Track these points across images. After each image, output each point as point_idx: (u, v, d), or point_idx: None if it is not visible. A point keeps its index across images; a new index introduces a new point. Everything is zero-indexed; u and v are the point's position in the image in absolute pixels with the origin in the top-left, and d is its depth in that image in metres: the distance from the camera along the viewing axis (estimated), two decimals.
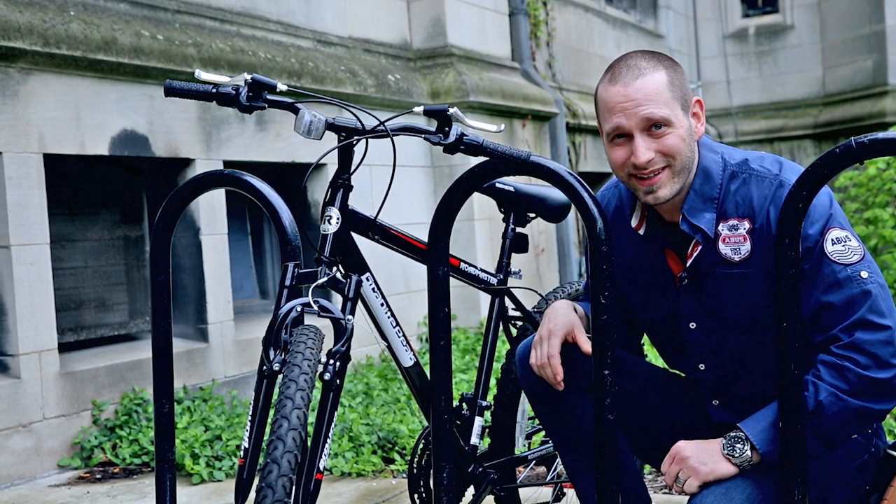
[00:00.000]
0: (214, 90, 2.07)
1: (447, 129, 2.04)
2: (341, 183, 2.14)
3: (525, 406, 2.60)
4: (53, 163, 4.09)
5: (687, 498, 1.93)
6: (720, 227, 1.97)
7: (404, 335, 2.33)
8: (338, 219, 2.10)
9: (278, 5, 5.42)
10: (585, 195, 1.84)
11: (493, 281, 2.52)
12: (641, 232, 2.07)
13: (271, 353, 1.88)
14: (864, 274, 1.85)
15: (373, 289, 2.25)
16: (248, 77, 2.06)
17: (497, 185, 2.49)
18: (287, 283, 2.01)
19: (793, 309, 1.73)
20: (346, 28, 5.95)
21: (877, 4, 10.77)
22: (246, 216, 5.38)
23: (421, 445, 2.47)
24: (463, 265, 2.45)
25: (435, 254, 2.01)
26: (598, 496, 1.83)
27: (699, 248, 1.98)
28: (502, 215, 2.60)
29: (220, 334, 4.72)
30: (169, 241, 2.15)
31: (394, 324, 2.31)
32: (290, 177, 5.35)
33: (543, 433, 2.74)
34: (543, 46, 8.19)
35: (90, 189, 4.52)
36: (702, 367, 2.09)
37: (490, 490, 2.47)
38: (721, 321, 2.02)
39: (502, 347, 4.60)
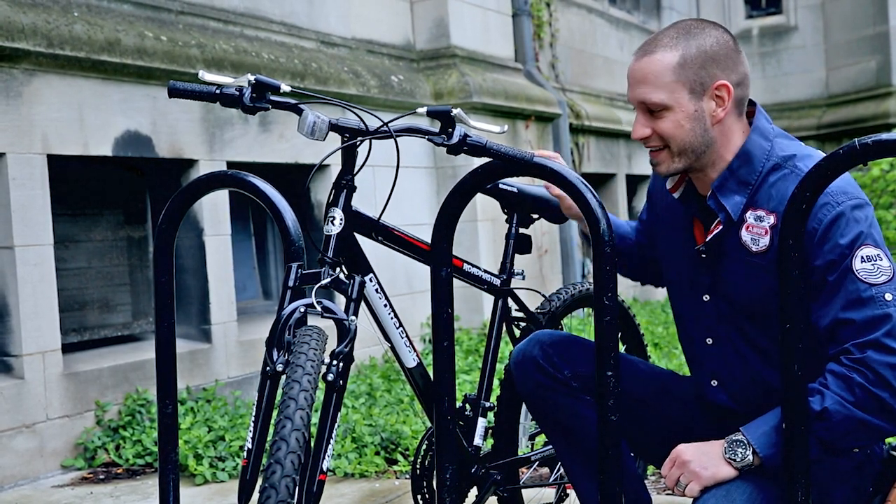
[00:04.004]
0: (218, 91, 2.07)
1: (450, 129, 2.04)
2: (345, 184, 2.14)
3: (527, 421, 2.60)
4: (57, 163, 4.09)
5: (689, 500, 1.93)
6: (747, 215, 1.97)
7: (407, 336, 2.33)
8: (341, 220, 2.10)
9: (281, 6, 5.42)
10: (589, 196, 1.84)
11: (496, 282, 2.52)
12: (677, 195, 2.09)
13: (274, 353, 1.88)
14: (888, 296, 1.82)
15: (376, 289, 2.25)
16: (252, 78, 2.06)
17: (500, 185, 2.49)
18: (290, 283, 2.01)
19: (796, 311, 1.72)
20: (349, 29, 5.96)
21: (880, 5, 10.77)
22: (249, 217, 5.38)
23: (424, 446, 2.47)
24: (466, 266, 2.45)
25: (438, 255, 2.01)
26: (601, 497, 1.83)
27: (720, 227, 1.99)
28: (505, 216, 2.60)
29: (224, 335, 4.72)
30: (172, 241, 2.15)
31: (397, 325, 2.30)
32: (294, 178, 5.35)
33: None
34: (546, 47, 8.19)
35: (94, 190, 4.52)
36: (709, 340, 2.10)
37: (493, 491, 2.47)
38: (731, 301, 2.03)
39: (506, 349, 4.60)
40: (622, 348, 2.83)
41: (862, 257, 1.84)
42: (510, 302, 2.60)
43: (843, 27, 11.23)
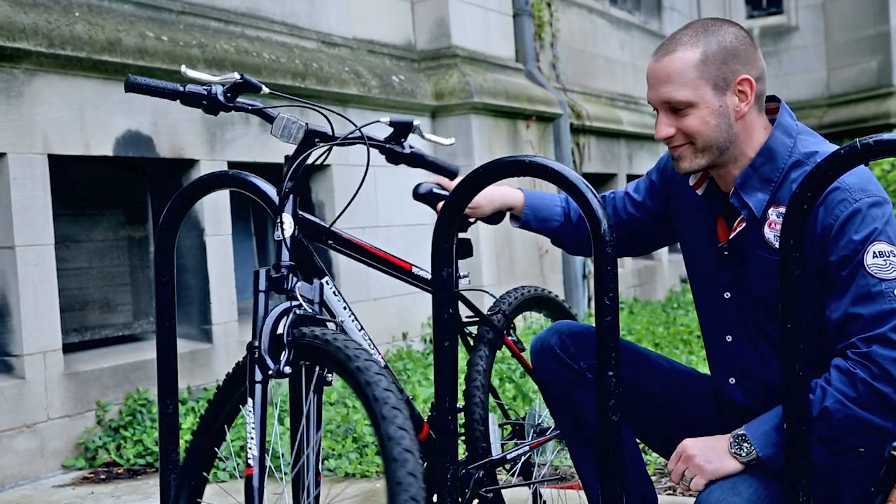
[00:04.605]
0: (182, 89, 2.04)
1: (403, 140, 2.07)
2: (289, 190, 2.12)
3: (495, 427, 2.57)
4: (58, 163, 4.09)
5: (693, 499, 1.93)
6: (770, 212, 1.97)
7: (370, 339, 2.32)
8: (290, 224, 2.07)
9: (282, 6, 5.42)
10: (590, 196, 1.83)
11: None
12: (700, 192, 2.10)
13: (267, 356, 1.87)
14: None
15: (333, 292, 2.24)
16: (238, 76, 2.04)
17: (434, 190, 2.46)
18: (262, 287, 1.98)
19: (797, 310, 1.72)
20: (350, 29, 5.96)
21: (881, 5, 10.77)
22: (250, 217, 5.38)
23: None
24: (415, 269, 2.44)
25: (438, 255, 2.01)
26: (603, 496, 1.83)
27: (743, 224, 2.00)
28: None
29: (224, 335, 4.73)
30: (173, 241, 2.15)
31: (359, 327, 2.29)
32: None
33: (513, 443, 2.72)
34: (547, 47, 8.19)
35: (94, 190, 4.52)
36: (729, 338, 2.11)
37: (476, 491, 2.46)
38: (752, 299, 2.04)
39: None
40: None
41: (874, 253, 1.85)
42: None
43: (843, 27, 11.23)
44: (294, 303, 1.96)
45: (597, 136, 8.50)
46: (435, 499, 2.12)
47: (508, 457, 2.58)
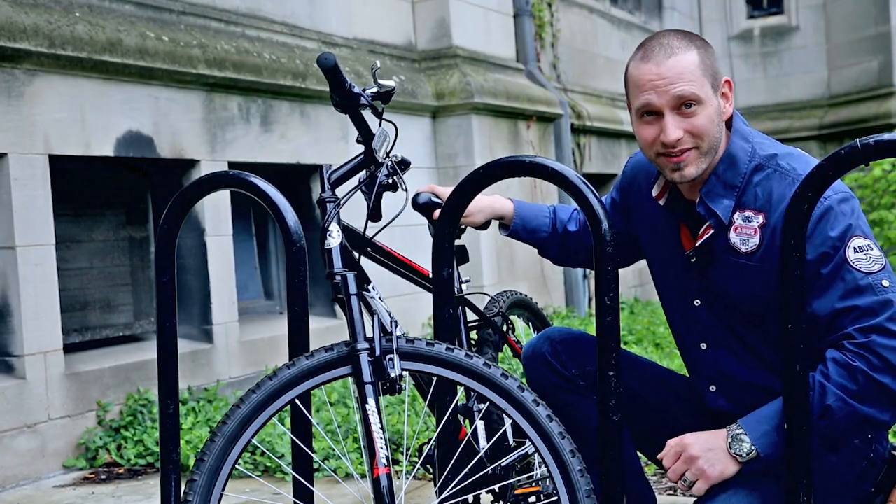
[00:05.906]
0: (347, 84, 2.13)
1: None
2: (334, 201, 2.16)
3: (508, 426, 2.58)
4: (59, 164, 4.09)
5: (691, 496, 1.93)
6: (735, 216, 1.98)
7: None
8: (338, 233, 2.10)
9: (283, 7, 5.42)
10: (591, 196, 1.84)
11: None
12: (662, 202, 2.10)
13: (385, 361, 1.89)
14: (885, 283, 1.84)
15: (380, 298, 2.27)
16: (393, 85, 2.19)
17: (433, 199, 2.46)
18: (353, 290, 1.99)
19: (798, 311, 1.73)
20: (350, 29, 5.96)
21: (882, 5, 10.76)
22: (251, 217, 5.38)
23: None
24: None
25: (439, 255, 2.02)
26: (602, 496, 1.83)
27: (710, 231, 2.00)
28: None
29: (225, 335, 4.72)
30: (174, 241, 2.15)
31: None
32: (295, 177, 5.35)
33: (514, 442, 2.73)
34: (548, 47, 8.19)
35: (95, 190, 4.52)
36: (703, 346, 2.11)
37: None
38: (724, 304, 2.04)
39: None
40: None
41: (854, 248, 1.87)
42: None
43: (844, 27, 11.23)
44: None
45: (597, 137, 8.50)
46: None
47: (514, 456, 2.59)
